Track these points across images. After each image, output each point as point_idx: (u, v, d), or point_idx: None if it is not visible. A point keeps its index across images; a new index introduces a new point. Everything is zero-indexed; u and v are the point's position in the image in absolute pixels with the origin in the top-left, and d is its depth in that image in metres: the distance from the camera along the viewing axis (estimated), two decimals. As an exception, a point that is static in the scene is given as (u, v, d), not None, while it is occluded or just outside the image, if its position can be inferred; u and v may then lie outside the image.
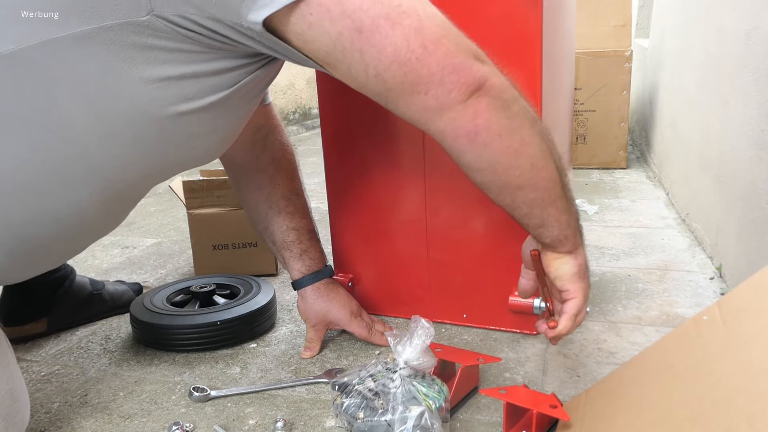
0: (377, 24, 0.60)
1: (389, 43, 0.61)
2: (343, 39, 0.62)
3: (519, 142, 0.67)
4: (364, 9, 0.60)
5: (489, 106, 0.64)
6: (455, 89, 0.63)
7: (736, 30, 1.29)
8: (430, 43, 0.62)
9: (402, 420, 0.71)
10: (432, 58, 0.62)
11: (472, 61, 0.63)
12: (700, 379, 0.58)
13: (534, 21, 0.91)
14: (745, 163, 1.19)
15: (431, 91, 0.63)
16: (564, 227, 0.73)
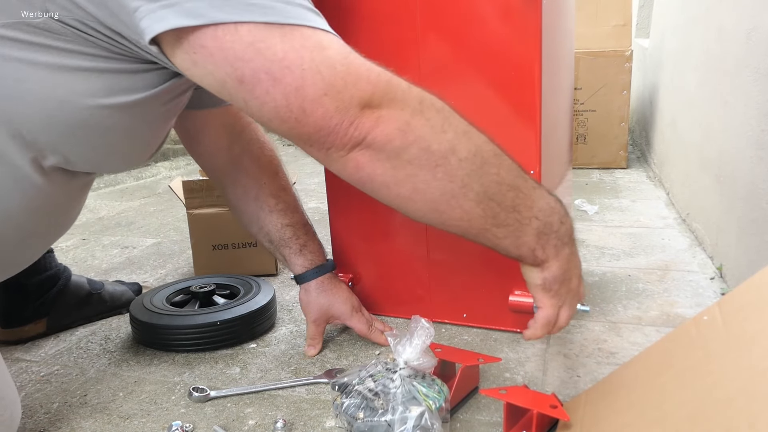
0: (258, 77, 0.59)
1: (270, 99, 0.60)
2: (227, 85, 0.61)
3: (410, 190, 0.66)
4: (246, 60, 0.59)
5: (371, 159, 0.64)
6: (333, 147, 0.63)
7: (736, 30, 1.29)
8: (309, 105, 0.60)
9: (402, 420, 0.71)
10: (310, 120, 0.61)
11: (353, 118, 0.61)
12: (700, 379, 0.58)
13: (534, 21, 0.91)
14: (745, 163, 1.19)
15: (314, 146, 0.64)
16: (510, 250, 0.72)
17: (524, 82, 0.94)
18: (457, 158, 0.65)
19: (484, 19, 0.94)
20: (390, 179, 0.65)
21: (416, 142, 0.64)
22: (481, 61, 0.96)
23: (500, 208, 0.68)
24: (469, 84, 0.97)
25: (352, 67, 0.61)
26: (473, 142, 0.67)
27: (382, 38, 1.00)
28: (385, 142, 0.63)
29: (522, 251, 0.71)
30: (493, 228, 0.69)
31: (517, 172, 0.70)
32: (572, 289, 0.77)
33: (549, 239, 0.72)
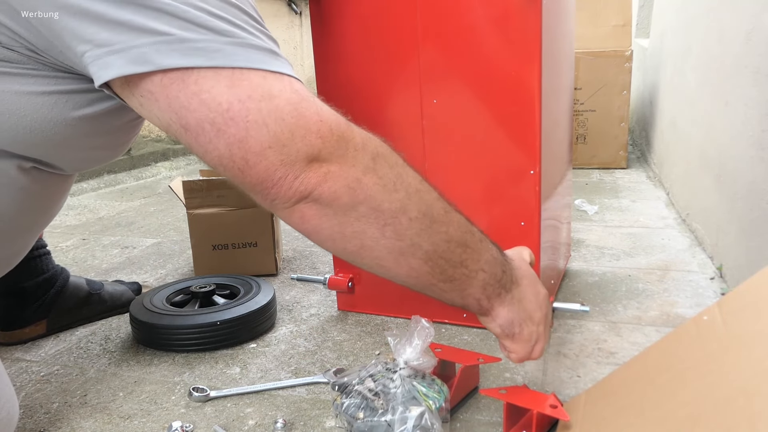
0: (202, 127, 0.57)
1: (213, 148, 0.58)
2: (172, 129, 0.60)
3: (357, 246, 0.64)
4: (191, 110, 0.57)
5: (317, 213, 0.62)
6: (277, 199, 0.61)
7: (736, 30, 1.29)
8: (252, 157, 0.58)
9: (402, 420, 0.71)
10: (252, 172, 0.59)
11: (299, 172, 0.59)
12: (700, 379, 0.58)
13: (534, 21, 0.91)
14: (745, 163, 1.19)
15: (257, 195, 0.61)
16: (456, 301, 0.71)
17: (524, 82, 0.94)
18: (408, 217, 0.64)
19: (484, 19, 0.94)
20: (336, 235, 0.64)
21: (366, 201, 0.62)
22: (481, 61, 0.96)
23: (448, 264, 0.68)
24: (469, 84, 0.97)
25: (301, 119, 0.59)
26: (424, 200, 0.66)
27: (382, 39, 1.00)
28: (332, 198, 0.61)
29: (467, 301, 0.71)
30: (439, 283, 0.69)
31: (466, 227, 0.70)
32: (537, 322, 0.76)
33: (493, 289, 0.72)
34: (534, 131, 0.95)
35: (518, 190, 0.99)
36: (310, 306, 1.22)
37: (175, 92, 0.57)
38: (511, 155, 0.98)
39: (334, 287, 1.16)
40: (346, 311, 1.19)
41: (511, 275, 0.74)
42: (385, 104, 1.03)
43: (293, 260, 1.50)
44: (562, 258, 1.29)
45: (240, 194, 1.32)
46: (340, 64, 1.04)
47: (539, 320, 0.76)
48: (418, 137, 1.03)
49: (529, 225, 1.00)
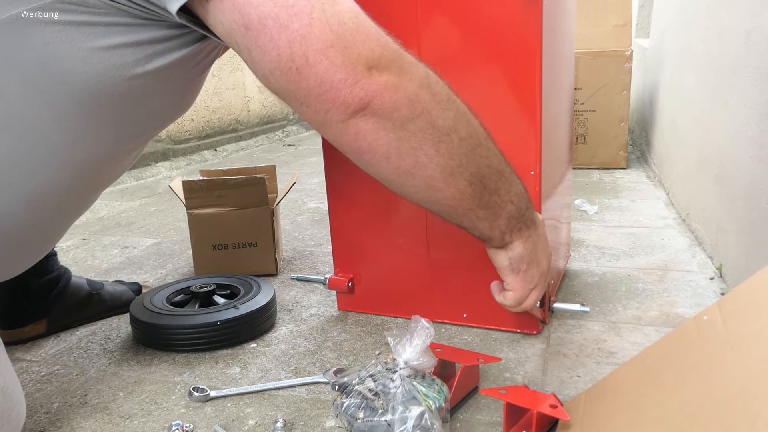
0: (264, 23, 0.56)
1: (273, 47, 0.57)
2: (234, 33, 0.59)
3: (412, 164, 0.64)
4: (254, 5, 0.56)
5: (375, 127, 0.60)
6: (333, 108, 0.59)
7: (736, 30, 1.29)
8: (313, 55, 0.56)
9: (402, 420, 0.71)
10: (311, 72, 0.57)
11: (359, 77, 0.58)
12: (699, 379, 0.58)
13: (534, 21, 0.91)
14: (745, 162, 1.19)
15: (311, 106, 0.60)
16: (484, 231, 0.72)
17: (524, 82, 0.94)
18: (458, 137, 0.65)
19: (484, 19, 0.94)
20: (393, 150, 0.62)
21: (423, 114, 0.62)
22: (481, 61, 0.96)
23: (486, 190, 0.69)
24: (469, 84, 0.97)
25: (362, 26, 0.58)
26: (471, 123, 0.67)
27: (382, 38, 1.00)
28: (392, 109, 0.60)
29: (494, 233, 0.73)
30: (477, 209, 0.70)
31: (501, 157, 0.71)
32: (542, 271, 0.78)
33: (516, 223, 0.74)
34: (534, 131, 0.95)
35: (518, 190, 0.99)
36: (310, 306, 1.22)
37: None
38: (511, 155, 0.97)
39: (334, 287, 1.17)
40: (346, 311, 1.19)
41: (532, 215, 0.76)
42: (385, 104, 1.03)
43: (293, 260, 1.50)
44: (562, 258, 1.29)
45: (240, 194, 1.33)
46: (340, 64, 1.04)
47: (543, 269, 0.78)
48: (418, 137, 1.03)
49: (529, 225, 1.00)
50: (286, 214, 1.93)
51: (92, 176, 0.77)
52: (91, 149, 0.72)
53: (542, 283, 0.79)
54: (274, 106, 4.13)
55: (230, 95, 3.62)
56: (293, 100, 0.61)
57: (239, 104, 3.72)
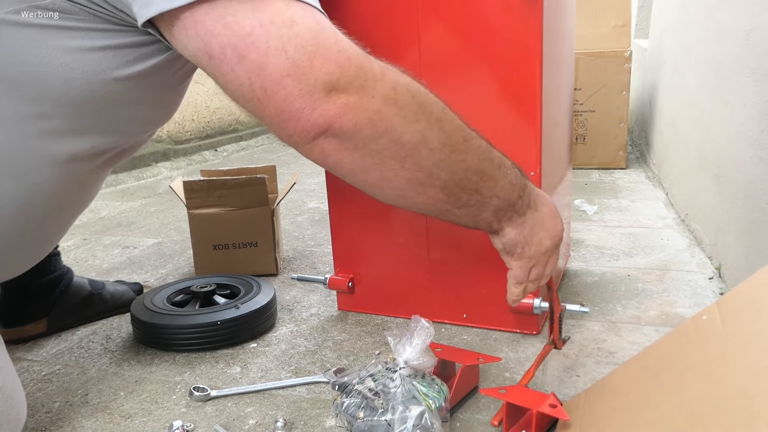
0: (225, 53, 0.57)
1: (234, 77, 0.58)
2: (199, 59, 0.60)
3: (378, 178, 0.65)
4: (215, 34, 0.57)
5: (338, 147, 0.62)
6: (296, 134, 0.60)
7: (736, 30, 1.29)
8: (271, 85, 0.57)
9: (402, 420, 0.71)
10: (271, 102, 0.58)
11: (317, 104, 0.58)
12: (699, 379, 0.58)
13: (534, 21, 0.91)
14: (744, 163, 1.19)
15: (277, 131, 0.61)
16: (469, 224, 0.73)
17: (524, 82, 0.94)
18: (428, 148, 0.64)
19: (484, 19, 0.94)
20: (358, 167, 0.64)
21: (386, 133, 0.62)
22: (481, 61, 0.96)
23: (464, 192, 0.69)
24: (469, 84, 0.98)
25: (321, 47, 0.58)
26: (445, 130, 0.66)
27: (382, 40, 1.00)
28: (353, 131, 0.60)
29: (480, 225, 0.74)
30: (454, 209, 0.70)
31: (485, 154, 0.70)
32: (543, 251, 0.78)
33: (505, 213, 0.74)
34: (534, 132, 0.96)
35: (518, 190, 0.99)
36: (310, 306, 1.22)
37: (202, 16, 0.57)
38: (512, 156, 0.97)
39: (334, 287, 1.17)
40: (346, 311, 1.19)
41: (529, 200, 0.76)
42: (386, 104, 1.03)
43: (293, 260, 1.50)
44: (562, 258, 1.30)
45: (240, 194, 1.33)
46: (340, 64, 1.04)
47: (547, 249, 0.78)
48: (418, 137, 1.03)
49: (528, 225, 1.00)
50: (286, 214, 1.93)
51: (82, 177, 0.77)
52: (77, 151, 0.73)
53: (542, 261, 0.78)
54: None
55: (230, 95, 3.62)
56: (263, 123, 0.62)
57: (239, 104, 3.72)
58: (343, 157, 0.63)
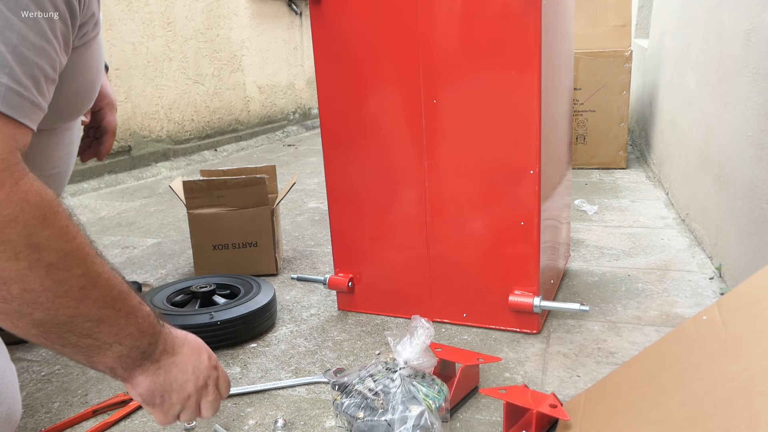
0: None
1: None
2: None
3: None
4: None
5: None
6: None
7: (736, 30, 1.29)
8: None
9: (402, 420, 0.71)
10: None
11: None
12: (699, 379, 0.58)
13: (533, 21, 0.91)
14: (744, 163, 1.19)
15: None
16: (84, 364, 0.69)
17: (524, 82, 0.94)
18: (21, 288, 0.62)
19: (484, 20, 0.94)
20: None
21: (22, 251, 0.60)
22: (481, 61, 0.96)
23: (70, 333, 0.66)
24: (469, 85, 0.98)
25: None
26: (55, 276, 0.64)
27: (382, 40, 1.01)
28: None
29: (97, 368, 0.70)
30: (55, 346, 0.67)
31: (108, 303, 0.68)
32: (187, 395, 0.74)
33: (133, 360, 0.70)
34: (534, 131, 0.96)
35: (518, 190, 0.99)
36: (310, 306, 1.22)
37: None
38: (511, 155, 0.98)
39: (334, 287, 1.17)
40: (346, 311, 1.19)
41: (165, 346, 0.73)
42: (386, 104, 1.04)
43: (293, 260, 1.50)
44: (562, 258, 1.30)
45: (240, 194, 1.33)
46: (340, 64, 1.05)
47: (192, 390, 0.74)
48: (418, 137, 1.03)
49: (528, 225, 1.00)
50: (286, 214, 1.93)
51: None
52: None
53: (190, 405, 0.75)
54: (274, 107, 4.14)
55: (230, 95, 3.62)
56: None
57: (239, 104, 3.72)
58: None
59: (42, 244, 0.62)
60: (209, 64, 3.40)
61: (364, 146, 1.07)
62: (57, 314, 0.64)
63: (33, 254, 0.62)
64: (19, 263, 0.61)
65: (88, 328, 0.67)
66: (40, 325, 0.64)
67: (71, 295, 0.65)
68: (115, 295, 0.69)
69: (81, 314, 0.66)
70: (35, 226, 0.62)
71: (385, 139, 1.05)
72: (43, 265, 0.62)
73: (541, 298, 1.02)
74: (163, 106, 3.07)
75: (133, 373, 0.71)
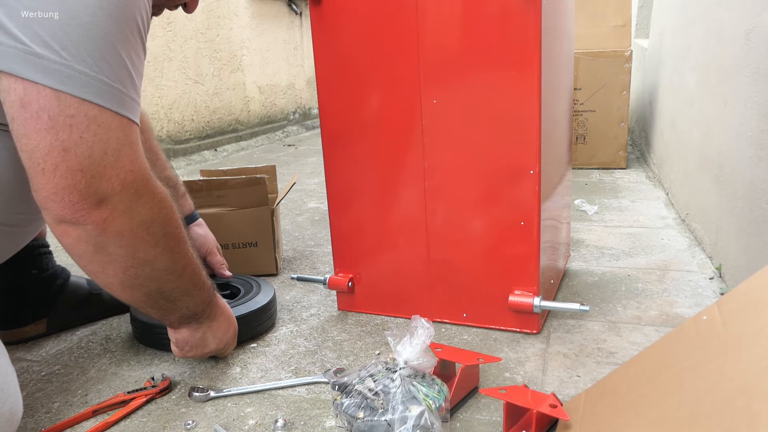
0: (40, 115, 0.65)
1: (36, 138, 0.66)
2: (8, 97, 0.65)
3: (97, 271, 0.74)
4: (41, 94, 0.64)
5: (77, 239, 0.70)
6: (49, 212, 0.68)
7: (736, 30, 1.29)
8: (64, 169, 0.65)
9: (402, 420, 0.71)
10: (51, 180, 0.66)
11: (87, 207, 0.67)
12: (699, 379, 0.58)
13: (533, 21, 0.91)
14: (744, 163, 1.19)
15: (35, 194, 0.68)
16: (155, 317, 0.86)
17: (524, 82, 0.94)
18: (152, 267, 0.75)
19: (484, 20, 0.94)
20: (86, 256, 0.72)
21: (126, 246, 0.71)
22: (481, 61, 0.96)
23: (163, 300, 0.81)
24: (469, 85, 0.98)
25: (119, 161, 0.68)
26: (173, 258, 0.77)
27: (382, 40, 1.01)
28: (99, 236, 0.69)
29: (163, 320, 0.88)
30: (147, 308, 0.82)
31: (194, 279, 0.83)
32: (206, 351, 0.93)
33: (187, 319, 0.87)
34: (533, 131, 0.96)
35: (518, 189, 0.99)
36: (310, 306, 1.22)
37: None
38: (511, 155, 0.98)
39: (334, 287, 1.17)
40: (346, 311, 1.19)
41: (211, 313, 0.90)
42: (385, 104, 1.04)
43: (293, 260, 1.50)
44: (562, 258, 1.30)
45: (240, 194, 1.33)
46: (340, 64, 1.05)
47: (212, 349, 0.93)
48: (418, 137, 1.03)
49: (528, 225, 1.00)
50: (286, 214, 1.93)
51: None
52: None
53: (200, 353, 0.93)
54: (274, 107, 4.14)
55: (230, 95, 3.62)
56: (31, 184, 0.68)
57: (239, 104, 3.72)
58: (79, 245, 0.70)
59: (170, 233, 0.76)
60: (209, 64, 3.40)
61: (364, 146, 1.07)
62: (164, 286, 0.79)
63: (166, 242, 0.75)
64: (157, 249, 0.75)
65: (176, 297, 0.82)
66: (150, 294, 0.79)
67: (177, 272, 0.79)
68: (198, 271, 0.84)
69: (177, 287, 0.81)
70: (168, 219, 0.76)
71: (385, 139, 1.05)
72: (168, 250, 0.76)
73: (541, 298, 1.02)
74: (163, 106, 3.07)
75: (180, 326, 0.88)
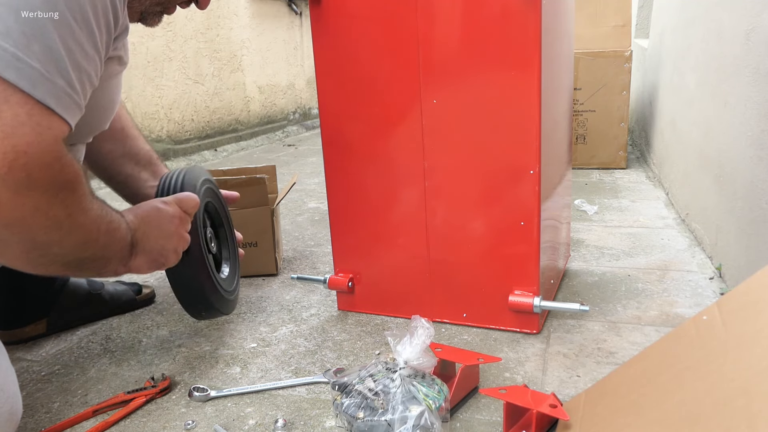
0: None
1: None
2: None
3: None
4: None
5: None
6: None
7: (736, 30, 1.29)
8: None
9: (402, 420, 0.71)
10: None
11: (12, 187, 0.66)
12: (699, 379, 0.58)
13: (533, 21, 0.91)
14: (745, 162, 1.19)
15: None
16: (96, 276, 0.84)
17: (524, 82, 0.94)
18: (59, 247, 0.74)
19: (484, 20, 0.94)
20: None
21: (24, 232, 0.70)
22: (481, 61, 0.96)
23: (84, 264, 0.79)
24: (469, 85, 0.98)
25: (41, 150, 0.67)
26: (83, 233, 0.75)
27: (382, 40, 1.01)
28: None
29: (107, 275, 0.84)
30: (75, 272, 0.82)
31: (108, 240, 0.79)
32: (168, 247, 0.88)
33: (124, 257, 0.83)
34: (533, 131, 0.96)
35: (518, 189, 0.99)
36: (310, 306, 1.22)
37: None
38: (511, 155, 0.98)
39: (334, 287, 1.17)
40: (346, 311, 1.19)
41: (135, 236, 0.85)
42: (386, 104, 1.04)
43: (293, 260, 1.50)
44: (562, 258, 1.30)
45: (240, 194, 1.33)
46: (340, 64, 1.05)
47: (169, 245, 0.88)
48: (418, 137, 1.03)
49: (528, 225, 1.00)
50: (286, 214, 1.93)
51: None
52: None
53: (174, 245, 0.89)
54: (274, 107, 4.13)
55: (230, 95, 3.62)
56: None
57: (239, 104, 3.72)
58: None
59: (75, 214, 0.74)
60: (209, 64, 3.40)
61: (364, 146, 1.07)
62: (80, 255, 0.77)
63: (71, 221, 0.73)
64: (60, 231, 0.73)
65: (97, 259, 0.80)
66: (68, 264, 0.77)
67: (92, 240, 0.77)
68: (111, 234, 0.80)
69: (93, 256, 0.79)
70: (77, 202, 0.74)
71: (385, 139, 1.05)
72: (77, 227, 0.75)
73: (541, 298, 1.02)
74: (163, 106, 3.07)
75: (129, 265, 0.85)
